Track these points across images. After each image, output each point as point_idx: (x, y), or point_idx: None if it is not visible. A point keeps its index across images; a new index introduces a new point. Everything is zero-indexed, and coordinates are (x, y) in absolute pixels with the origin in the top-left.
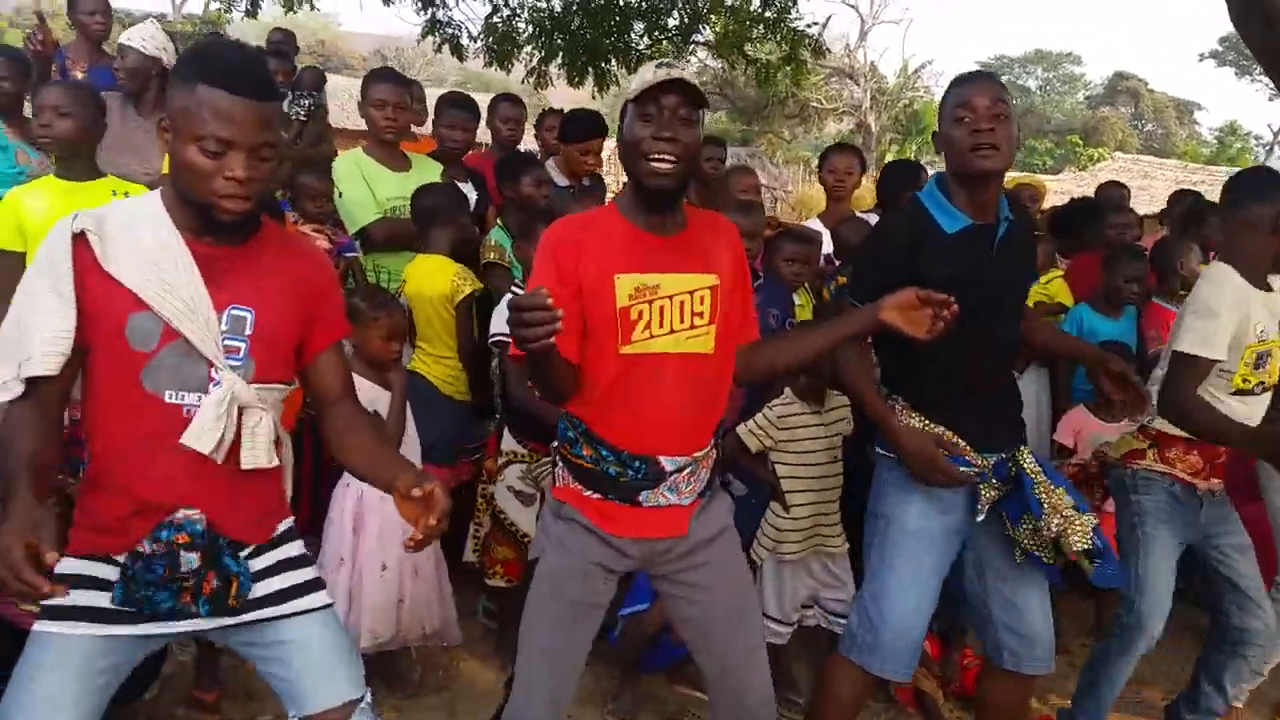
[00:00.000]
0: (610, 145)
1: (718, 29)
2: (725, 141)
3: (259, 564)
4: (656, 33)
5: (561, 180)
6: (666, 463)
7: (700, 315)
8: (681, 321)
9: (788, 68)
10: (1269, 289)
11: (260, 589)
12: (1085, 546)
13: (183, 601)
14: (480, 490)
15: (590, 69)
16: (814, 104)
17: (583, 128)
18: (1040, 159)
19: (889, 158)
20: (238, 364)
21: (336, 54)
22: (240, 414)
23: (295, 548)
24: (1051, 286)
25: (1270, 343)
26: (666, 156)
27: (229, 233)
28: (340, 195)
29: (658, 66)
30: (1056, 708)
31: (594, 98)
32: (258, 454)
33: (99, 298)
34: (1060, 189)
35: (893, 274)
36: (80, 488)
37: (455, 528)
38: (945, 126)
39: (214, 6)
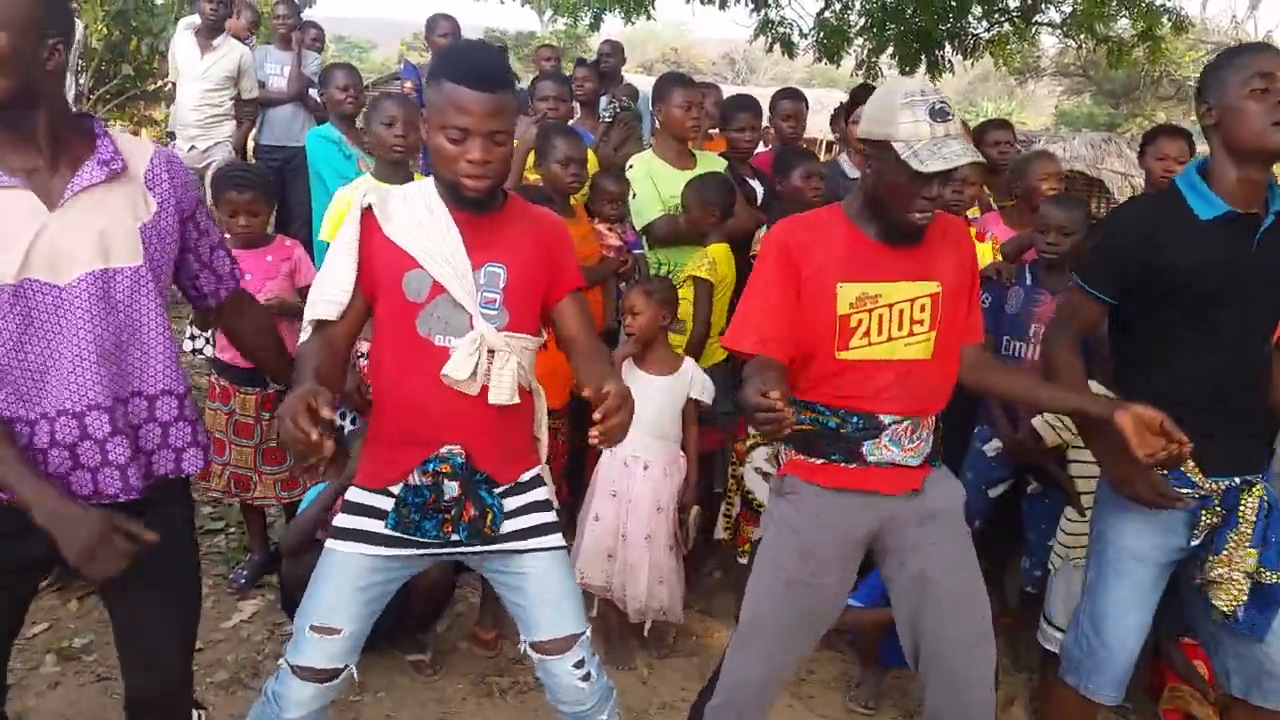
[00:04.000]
0: None
1: (1065, 7)
2: (1010, 124)
3: (511, 504)
4: (996, 15)
5: (854, 172)
6: (884, 418)
7: (920, 323)
8: (900, 329)
9: (1144, 45)
10: None
11: (512, 524)
12: (1225, 610)
13: (444, 530)
14: (730, 471)
15: (923, 57)
16: (1193, 84)
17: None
18: None
19: None
20: (493, 313)
21: (688, 60)
22: (491, 357)
23: (542, 493)
24: None
25: None
26: (927, 213)
27: (479, 205)
28: (634, 196)
29: (933, 116)
30: None
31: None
32: (502, 392)
33: (380, 258)
34: None
35: (1128, 261)
36: (366, 436)
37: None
38: (1233, 97)
39: (561, 23)
